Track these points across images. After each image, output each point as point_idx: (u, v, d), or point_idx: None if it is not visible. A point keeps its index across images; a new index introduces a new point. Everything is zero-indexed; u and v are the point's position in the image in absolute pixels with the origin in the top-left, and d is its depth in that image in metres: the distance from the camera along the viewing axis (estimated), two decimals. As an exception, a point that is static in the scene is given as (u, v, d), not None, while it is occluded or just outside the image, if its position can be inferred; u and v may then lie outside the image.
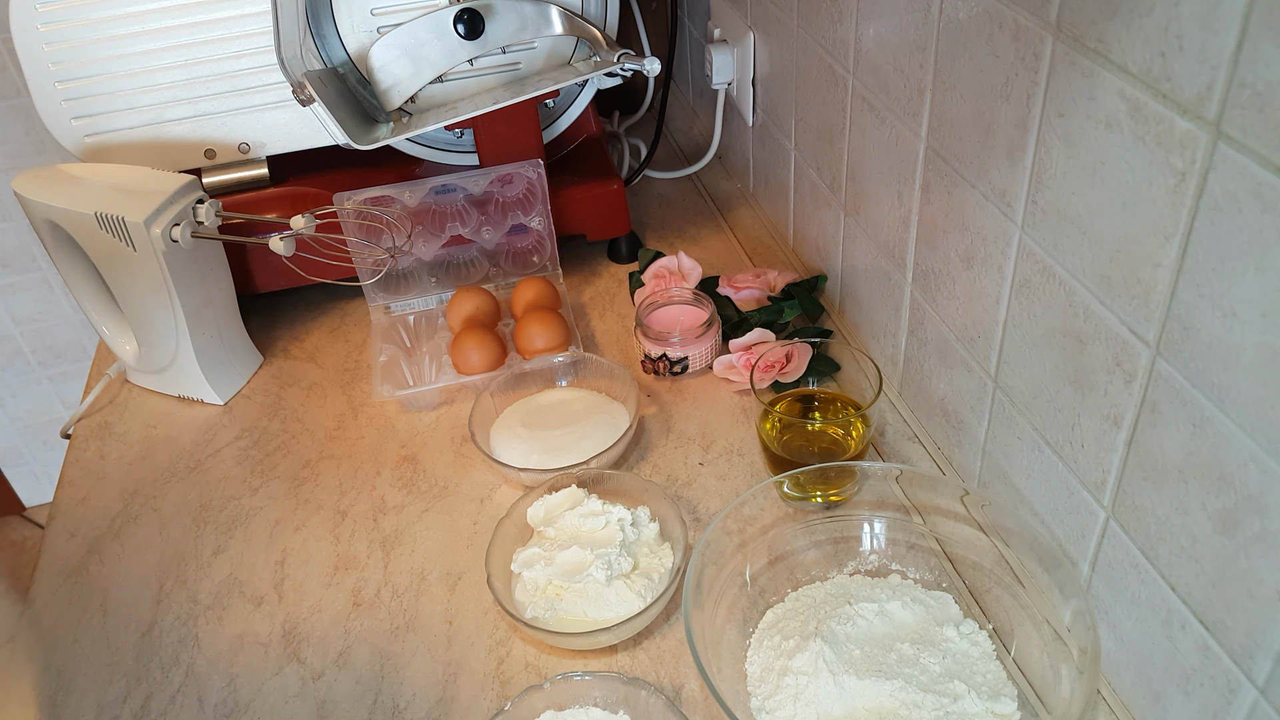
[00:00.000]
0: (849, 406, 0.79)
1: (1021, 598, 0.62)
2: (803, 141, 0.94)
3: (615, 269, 1.06)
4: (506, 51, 0.92)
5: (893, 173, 0.75)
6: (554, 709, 0.60)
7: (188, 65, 0.91)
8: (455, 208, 0.96)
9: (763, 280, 0.97)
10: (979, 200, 0.63)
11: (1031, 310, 0.60)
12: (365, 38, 0.90)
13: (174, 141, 0.94)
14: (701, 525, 0.75)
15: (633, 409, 0.80)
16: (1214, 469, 0.47)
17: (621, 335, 0.96)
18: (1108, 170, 0.50)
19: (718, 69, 1.06)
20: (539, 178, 0.95)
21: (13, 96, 1.23)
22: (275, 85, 0.92)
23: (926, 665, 0.60)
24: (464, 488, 0.81)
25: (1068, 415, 0.58)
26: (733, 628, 0.64)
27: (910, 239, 0.75)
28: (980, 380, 0.68)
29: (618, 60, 0.87)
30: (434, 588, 0.73)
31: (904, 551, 0.68)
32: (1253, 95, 0.40)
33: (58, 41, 0.88)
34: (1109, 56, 0.48)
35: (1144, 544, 0.54)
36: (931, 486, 0.68)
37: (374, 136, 0.85)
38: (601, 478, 0.74)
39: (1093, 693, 0.54)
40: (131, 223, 0.80)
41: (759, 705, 0.59)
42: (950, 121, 0.65)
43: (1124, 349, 0.52)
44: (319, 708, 0.65)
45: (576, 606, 0.66)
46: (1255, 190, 0.41)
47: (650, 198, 1.18)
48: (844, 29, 0.78)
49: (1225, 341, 0.44)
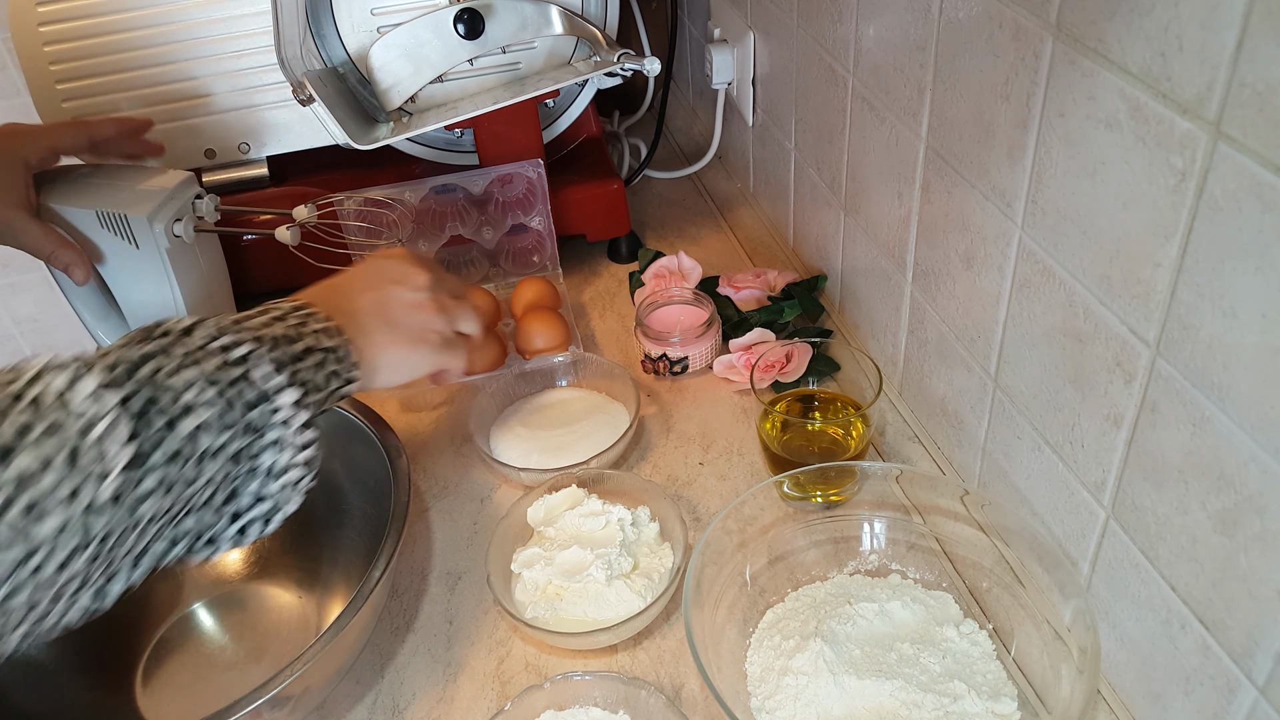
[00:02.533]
0: (849, 406, 0.79)
1: (1021, 598, 0.62)
2: (803, 141, 0.94)
3: (615, 269, 1.06)
4: (506, 51, 0.92)
5: (893, 172, 0.75)
6: (554, 709, 0.60)
7: (188, 65, 0.91)
8: (455, 207, 0.96)
9: (763, 280, 0.97)
10: (979, 200, 0.63)
11: (1031, 310, 0.60)
12: (365, 38, 0.90)
13: (174, 141, 0.94)
14: (701, 525, 0.75)
15: (633, 409, 0.80)
16: (1214, 469, 0.47)
17: (621, 335, 0.96)
18: (1108, 170, 0.50)
19: (718, 69, 1.06)
20: (539, 178, 0.95)
21: (12, 96, 1.23)
22: (275, 85, 0.92)
23: (926, 665, 0.60)
24: (464, 488, 0.81)
25: (1068, 415, 0.58)
26: (733, 628, 0.64)
27: (910, 239, 0.75)
28: (980, 380, 0.68)
29: (618, 60, 0.87)
30: (434, 588, 0.73)
31: (904, 551, 0.68)
32: (1253, 95, 0.40)
33: (57, 41, 0.88)
34: (1109, 56, 0.48)
35: (1144, 544, 0.54)
36: (931, 486, 0.68)
37: (374, 136, 0.85)
38: (601, 478, 0.74)
39: (1093, 693, 0.54)
40: (134, 219, 0.80)
41: (759, 705, 0.59)
42: (950, 121, 0.65)
43: (1124, 349, 0.52)
44: (319, 707, 0.65)
45: (576, 606, 0.66)
46: (1255, 190, 0.41)
47: (650, 198, 1.18)
48: (844, 29, 0.78)
49: (1225, 341, 0.44)
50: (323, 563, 0.74)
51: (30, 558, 0.41)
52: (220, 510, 0.50)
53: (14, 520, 0.40)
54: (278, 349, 0.52)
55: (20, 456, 0.40)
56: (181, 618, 0.73)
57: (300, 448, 0.52)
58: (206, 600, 0.74)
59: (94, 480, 0.42)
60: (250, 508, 0.52)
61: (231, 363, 0.50)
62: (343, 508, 0.74)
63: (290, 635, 0.71)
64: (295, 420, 0.52)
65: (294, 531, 0.75)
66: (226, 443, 0.48)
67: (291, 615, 0.72)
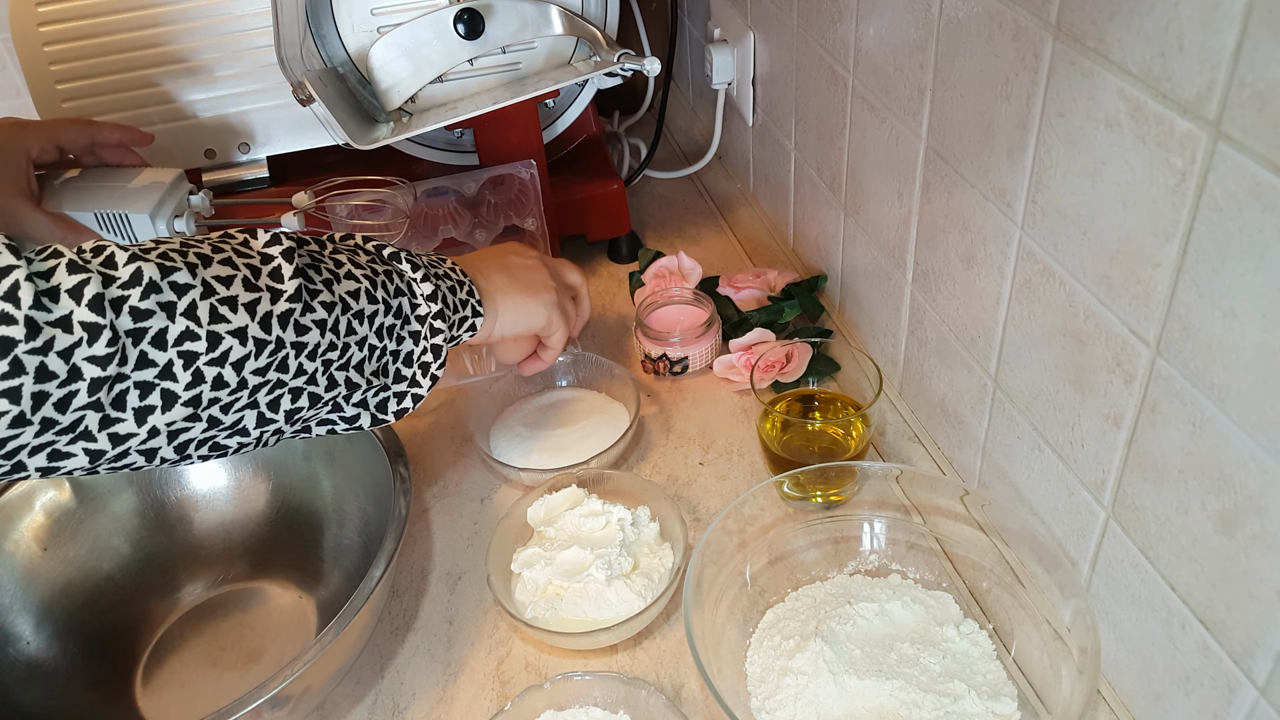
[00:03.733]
0: (849, 406, 0.79)
1: (1021, 598, 0.62)
2: (803, 141, 0.94)
3: (615, 269, 1.06)
4: (506, 51, 0.92)
5: (893, 173, 0.75)
6: (554, 709, 0.60)
7: (188, 65, 0.91)
8: (447, 210, 0.96)
9: (763, 280, 0.97)
10: (979, 200, 0.63)
11: (1031, 310, 0.60)
12: (365, 38, 0.90)
13: (174, 141, 0.94)
14: (701, 525, 0.75)
15: (633, 409, 0.80)
16: (1214, 469, 0.47)
17: (621, 335, 0.96)
18: (1108, 170, 0.50)
19: (718, 69, 1.06)
20: (532, 179, 0.94)
21: (12, 96, 1.23)
22: (275, 85, 0.92)
23: (926, 665, 0.60)
24: (464, 488, 0.81)
25: (1068, 415, 0.58)
26: (733, 628, 0.64)
27: (910, 239, 0.75)
28: (980, 380, 0.68)
29: (618, 60, 0.87)
30: (434, 588, 0.73)
31: (904, 551, 0.68)
32: (1253, 95, 0.40)
33: (57, 41, 0.88)
34: (1109, 56, 0.48)
35: (1144, 544, 0.54)
36: (931, 486, 0.68)
37: (374, 136, 0.85)
38: (601, 478, 0.74)
39: (1093, 693, 0.54)
40: (135, 218, 0.80)
41: (759, 705, 0.59)
42: (950, 121, 0.65)
43: (1124, 349, 0.52)
44: (319, 707, 0.65)
45: (576, 606, 0.66)
46: (1255, 190, 0.41)
47: (650, 198, 1.18)
48: (844, 29, 0.78)
49: (1225, 341, 0.44)
50: (323, 563, 0.74)
51: (211, 351, 0.48)
52: (368, 378, 0.58)
53: (204, 315, 0.48)
54: (420, 261, 0.62)
55: (214, 265, 0.49)
56: (181, 618, 0.73)
57: (433, 349, 0.61)
58: (206, 600, 0.74)
59: (267, 297, 0.51)
60: (391, 383, 0.60)
61: (384, 259, 0.60)
62: (343, 508, 0.74)
63: (290, 635, 0.71)
64: (432, 321, 0.60)
65: (294, 531, 0.76)
66: (375, 313, 0.57)
67: (291, 615, 0.72)
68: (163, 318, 0.47)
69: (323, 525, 0.75)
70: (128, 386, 0.46)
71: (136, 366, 0.46)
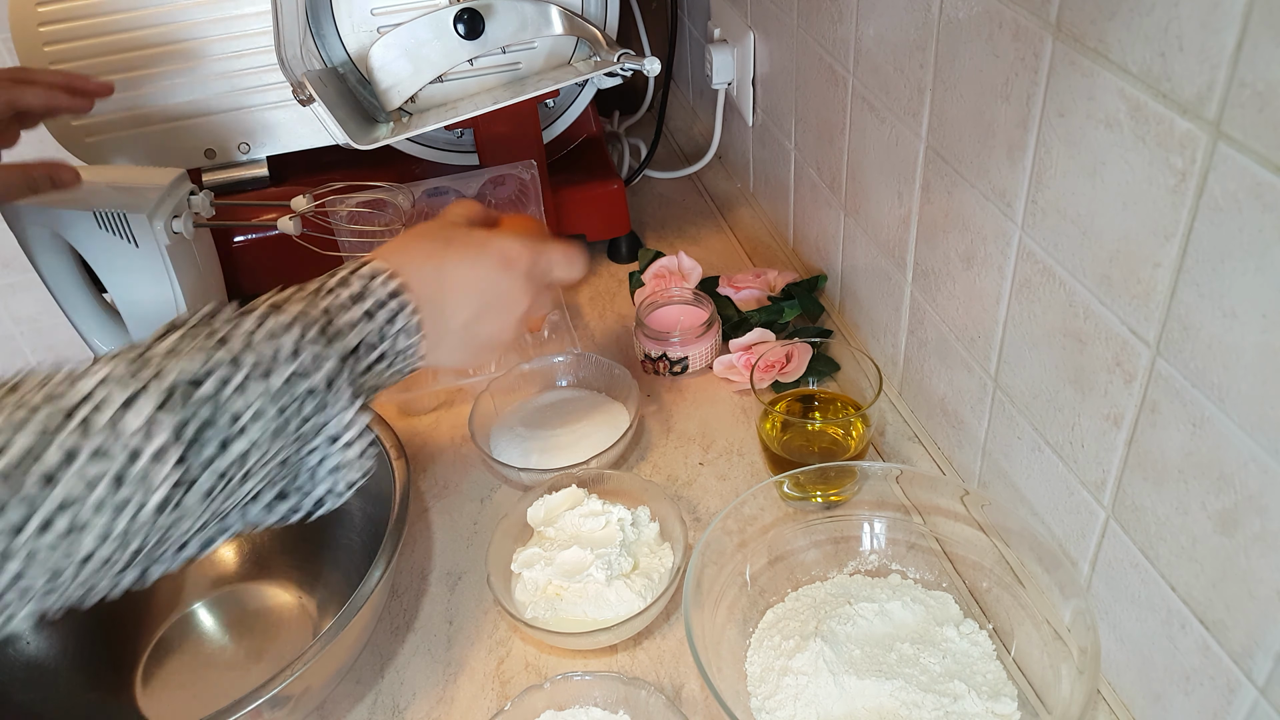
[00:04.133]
0: (849, 406, 0.79)
1: (1021, 598, 0.62)
2: (803, 141, 0.94)
3: (615, 269, 1.06)
4: (506, 51, 0.92)
5: (893, 172, 0.75)
6: (554, 709, 0.60)
7: (187, 65, 0.91)
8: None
9: (763, 280, 0.97)
10: (979, 200, 0.63)
11: (1031, 310, 0.60)
12: (365, 38, 0.90)
13: (174, 141, 0.94)
14: (701, 525, 0.75)
15: (633, 409, 0.80)
16: (1214, 469, 0.47)
17: (621, 335, 0.96)
18: (1108, 170, 0.50)
19: (718, 69, 1.06)
20: (532, 179, 0.94)
21: (13, 96, 1.24)
22: (275, 85, 0.92)
23: (926, 665, 0.60)
24: (464, 488, 0.81)
25: (1068, 415, 0.58)
26: (733, 628, 0.64)
27: (910, 239, 0.75)
28: (980, 380, 0.68)
29: (618, 60, 0.87)
30: (434, 588, 0.73)
31: (904, 551, 0.68)
32: (1253, 95, 0.40)
33: (57, 41, 0.88)
34: (1109, 56, 0.48)
35: (1144, 544, 0.54)
36: (931, 486, 0.68)
37: (374, 136, 0.85)
38: (601, 478, 0.74)
39: (1093, 693, 0.54)
40: (134, 218, 0.80)
41: (759, 705, 0.59)
42: (950, 121, 0.65)
43: (1124, 349, 0.52)
44: (319, 707, 0.65)
45: (576, 606, 0.66)
46: (1255, 190, 0.41)
47: (650, 198, 1.18)
48: (844, 29, 0.78)
49: (1225, 341, 0.44)
50: (323, 563, 0.74)
51: (66, 565, 0.42)
52: (269, 506, 0.51)
53: (53, 541, 0.41)
54: (356, 366, 0.51)
55: (64, 483, 0.41)
56: (181, 618, 0.73)
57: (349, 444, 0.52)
58: (206, 600, 0.74)
59: (135, 503, 0.43)
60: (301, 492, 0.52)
61: (301, 375, 0.48)
62: (343, 508, 0.74)
63: (290, 635, 0.71)
64: (352, 426, 0.52)
65: (294, 531, 0.75)
66: (277, 452, 0.48)
67: (291, 615, 0.72)
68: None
69: (323, 525, 0.74)
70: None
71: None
